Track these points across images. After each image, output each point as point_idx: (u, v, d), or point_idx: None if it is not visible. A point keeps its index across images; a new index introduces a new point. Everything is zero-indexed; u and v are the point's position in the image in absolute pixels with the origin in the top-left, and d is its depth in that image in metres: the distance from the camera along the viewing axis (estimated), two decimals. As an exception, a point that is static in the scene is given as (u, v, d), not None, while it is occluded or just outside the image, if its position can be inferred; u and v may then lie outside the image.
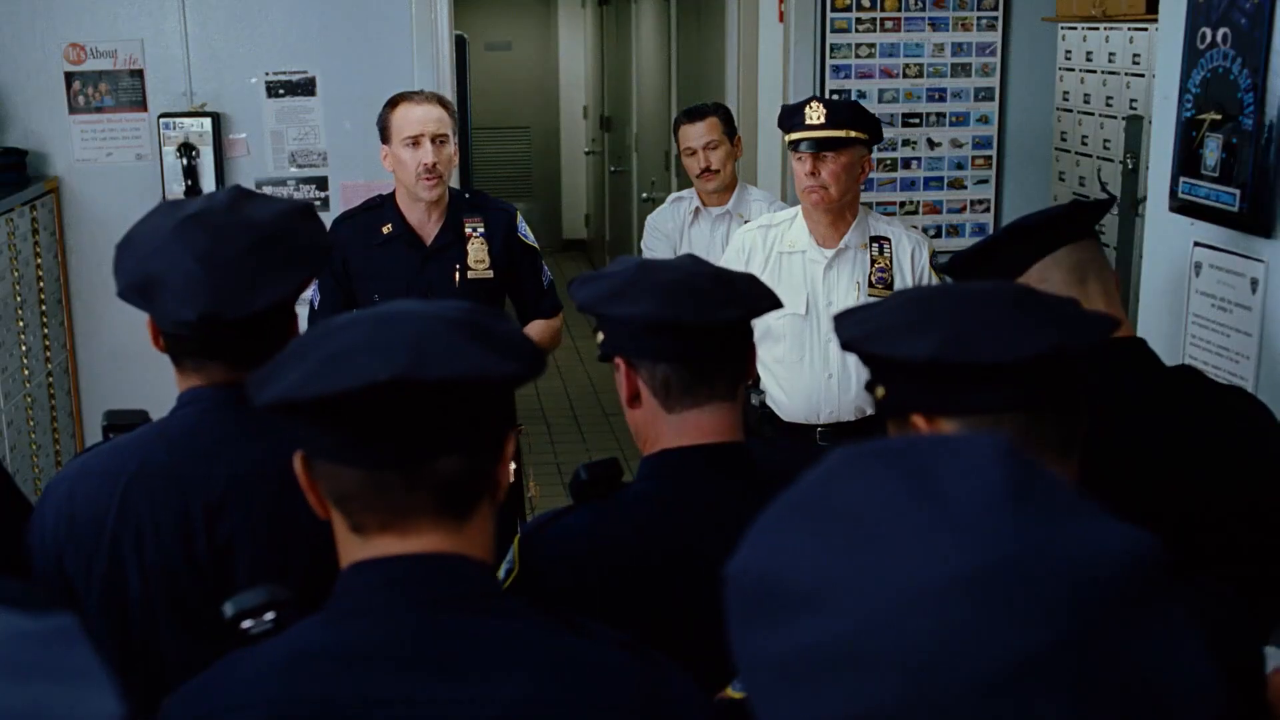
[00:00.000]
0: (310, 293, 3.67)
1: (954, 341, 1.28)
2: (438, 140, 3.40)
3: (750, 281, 1.76)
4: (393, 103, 3.47)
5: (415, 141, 3.38)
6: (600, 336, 1.77)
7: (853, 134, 3.28)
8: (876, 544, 0.72)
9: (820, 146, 3.26)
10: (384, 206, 3.52)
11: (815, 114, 3.28)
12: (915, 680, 0.68)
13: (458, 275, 3.46)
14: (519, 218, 3.63)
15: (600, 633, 1.28)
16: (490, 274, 3.49)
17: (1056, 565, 0.70)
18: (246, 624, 1.29)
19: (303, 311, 3.73)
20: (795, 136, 3.30)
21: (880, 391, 1.38)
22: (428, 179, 3.39)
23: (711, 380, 1.69)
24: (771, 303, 1.74)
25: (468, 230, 3.50)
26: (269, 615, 1.29)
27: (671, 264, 1.75)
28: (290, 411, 1.20)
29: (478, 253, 3.49)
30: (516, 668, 1.20)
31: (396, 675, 1.18)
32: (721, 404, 1.70)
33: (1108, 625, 0.69)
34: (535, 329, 3.60)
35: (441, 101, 3.50)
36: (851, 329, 1.38)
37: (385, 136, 3.46)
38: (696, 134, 4.22)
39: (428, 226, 3.49)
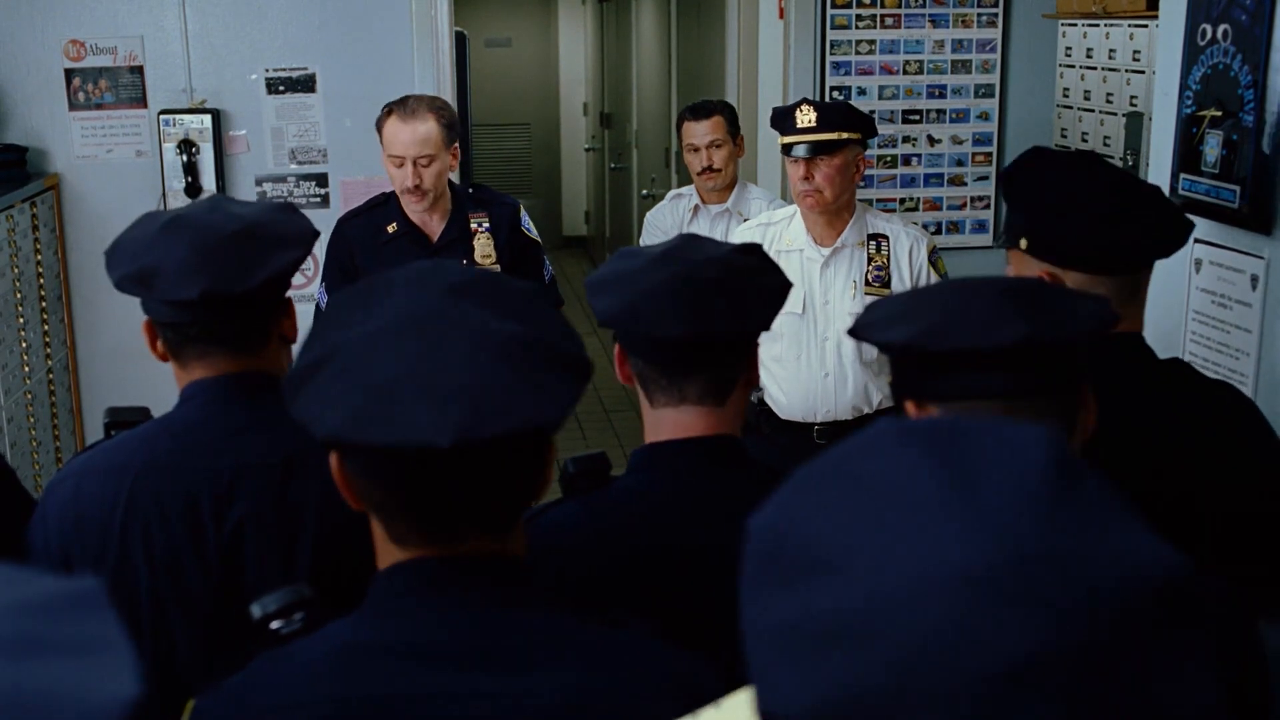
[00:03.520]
0: (318, 293, 3.68)
1: (929, 331, 1.33)
2: (421, 162, 3.35)
3: (758, 297, 1.69)
4: (388, 110, 3.43)
5: (399, 162, 3.37)
6: None
7: (845, 135, 3.26)
8: (902, 522, 0.71)
9: (813, 150, 3.25)
10: (388, 204, 3.51)
11: (806, 117, 3.27)
12: (911, 665, 0.67)
13: None
14: (522, 211, 3.61)
15: (632, 623, 1.30)
16: (497, 268, 3.47)
17: (1077, 572, 0.68)
18: (275, 624, 1.28)
19: (308, 309, 3.76)
20: (787, 140, 3.29)
21: (889, 378, 1.47)
22: (412, 197, 3.40)
23: (681, 386, 1.67)
24: (759, 324, 1.69)
25: (473, 225, 3.50)
26: (298, 615, 1.28)
27: (701, 256, 1.68)
28: (336, 448, 1.19)
29: (484, 248, 3.49)
30: (562, 659, 1.20)
31: (449, 670, 1.17)
32: (698, 408, 1.68)
33: (1119, 641, 0.67)
34: None
35: (435, 110, 3.41)
36: (860, 318, 1.46)
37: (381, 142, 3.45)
38: (701, 132, 4.21)
39: (432, 224, 3.49)
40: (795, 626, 0.71)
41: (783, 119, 3.33)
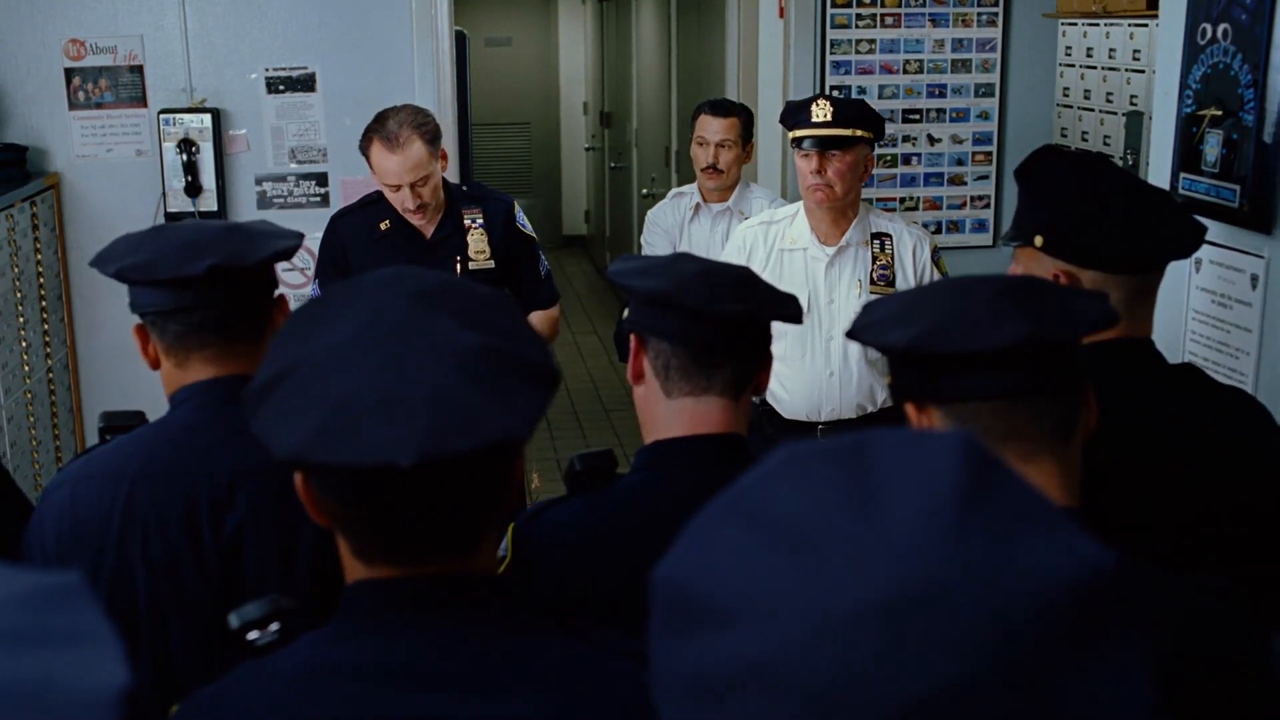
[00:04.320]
0: (313, 292, 3.68)
1: (930, 332, 1.33)
2: (418, 184, 3.34)
3: (779, 301, 1.75)
4: (368, 137, 3.38)
5: (395, 188, 3.37)
6: (627, 312, 1.79)
7: (858, 133, 3.27)
8: (804, 560, 0.68)
9: (826, 145, 3.25)
10: (381, 202, 3.50)
11: (822, 111, 3.27)
12: (817, 709, 0.64)
13: (459, 267, 3.45)
14: (516, 208, 3.62)
15: (607, 641, 1.26)
16: (491, 264, 3.48)
17: (986, 591, 0.66)
18: (252, 635, 1.27)
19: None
20: (800, 134, 3.30)
21: (888, 379, 1.47)
22: (415, 216, 3.41)
23: (710, 372, 1.69)
24: (790, 313, 1.74)
25: (467, 222, 3.50)
26: (274, 626, 1.27)
27: (717, 263, 1.79)
28: (298, 467, 1.16)
29: (478, 243, 3.49)
30: (531, 683, 1.18)
31: (412, 693, 1.15)
32: (719, 400, 1.70)
33: (1035, 656, 0.65)
34: (534, 320, 3.58)
35: (418, 127, 3.35)
36: (858, 318, 1.46)
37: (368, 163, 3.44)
38: (714, 129, 4.21)
39: (426, 222, 3.49)
40: (701, 676, 0.69)
41: (796, 112, 3.33)
